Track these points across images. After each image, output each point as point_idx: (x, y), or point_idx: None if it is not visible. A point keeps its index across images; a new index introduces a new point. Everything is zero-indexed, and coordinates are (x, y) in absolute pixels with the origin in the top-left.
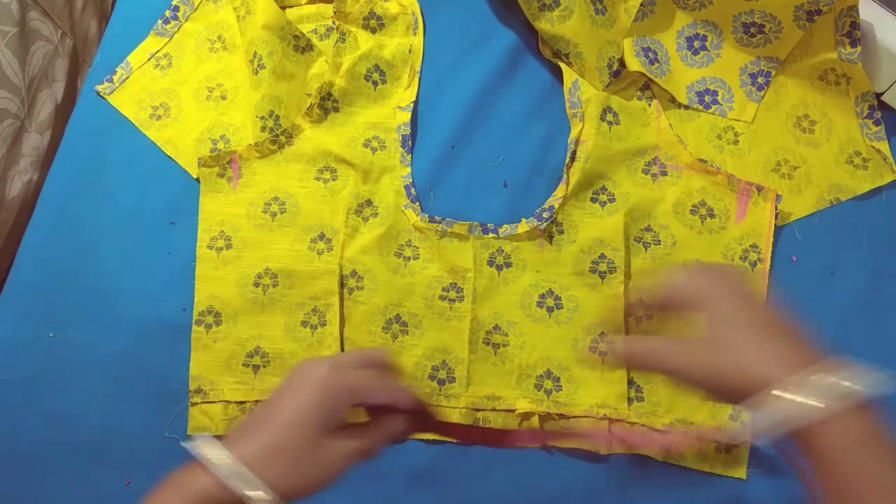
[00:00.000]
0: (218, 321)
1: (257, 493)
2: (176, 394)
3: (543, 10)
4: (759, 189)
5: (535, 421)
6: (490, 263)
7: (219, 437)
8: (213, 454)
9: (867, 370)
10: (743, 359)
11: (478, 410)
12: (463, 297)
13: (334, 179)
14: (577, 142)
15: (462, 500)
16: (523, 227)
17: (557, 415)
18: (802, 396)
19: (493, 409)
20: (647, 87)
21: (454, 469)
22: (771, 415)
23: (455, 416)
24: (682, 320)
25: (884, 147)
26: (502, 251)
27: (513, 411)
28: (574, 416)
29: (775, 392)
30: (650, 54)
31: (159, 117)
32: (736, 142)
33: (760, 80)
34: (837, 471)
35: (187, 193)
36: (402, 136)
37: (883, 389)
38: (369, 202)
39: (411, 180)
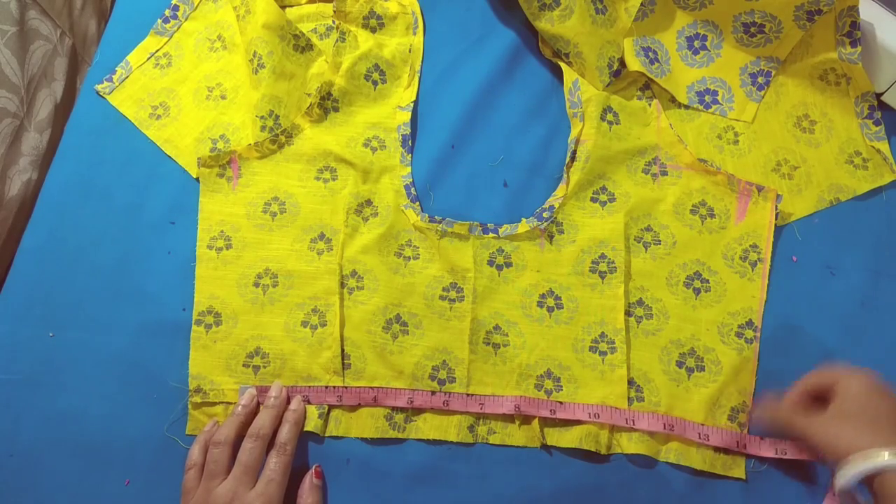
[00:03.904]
0: (218, 321)
1: None
2: (176, 394)
3: (543, 10)
4: (760, 189)
5: (535, 423)
6: (490, 263)
7: None
8: None
9: None
10: (855, 436)
11: (479, 416)
12: (463, 296)
13: (334, 179)
14: (577, 141)
15: (462, 500)
16: (523, 226)
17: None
18: (889, 457)
19: (494, 415)
20: (647, 86)
21: (454, 469)
22: (858, 467)
23: (454, 421)
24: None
25: (884, 147)
26: (502, 251)
27: (512, 414)
28: (575, 420)
29: (866, 451)
30: (650, 54)
31: (159, 117)
32: (736, 142)
33: (760, 79)
34: None
35: (187, 193)
36: (402, 135)
37: None
38: (369, 202)
39: (411, 180)
